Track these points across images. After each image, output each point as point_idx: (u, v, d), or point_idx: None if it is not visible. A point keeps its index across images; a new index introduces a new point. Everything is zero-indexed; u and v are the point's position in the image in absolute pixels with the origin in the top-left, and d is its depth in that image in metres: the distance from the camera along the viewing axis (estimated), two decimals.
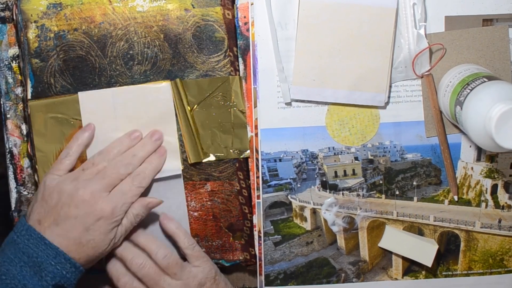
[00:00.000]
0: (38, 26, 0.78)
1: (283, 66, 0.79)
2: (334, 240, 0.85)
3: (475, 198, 0.84)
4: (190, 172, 0.81)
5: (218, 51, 0.79)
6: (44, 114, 0.79)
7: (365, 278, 0.86)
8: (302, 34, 0.78)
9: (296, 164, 0.83)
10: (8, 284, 0.68)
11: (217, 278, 0.79)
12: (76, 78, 0.79)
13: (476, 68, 0.77)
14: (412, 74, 0.80)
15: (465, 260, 0.86)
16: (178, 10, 0.78)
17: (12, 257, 0.69)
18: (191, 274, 0.77)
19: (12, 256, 0.69)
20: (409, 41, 0.79)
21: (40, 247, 0.70)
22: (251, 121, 0.81)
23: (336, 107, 0.81)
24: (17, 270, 0.68)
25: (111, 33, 0.78)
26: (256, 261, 0.84)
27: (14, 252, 0.69)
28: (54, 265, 0.69)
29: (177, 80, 0.79)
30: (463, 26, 0.79)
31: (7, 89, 0.80)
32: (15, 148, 0.81)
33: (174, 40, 0.79)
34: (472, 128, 0.70)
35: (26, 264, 0.69)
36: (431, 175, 0.84)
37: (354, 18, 0.77)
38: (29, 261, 0.69)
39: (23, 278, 0.68)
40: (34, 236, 0.70)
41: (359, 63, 0.78)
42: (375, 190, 0.84)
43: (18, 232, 0.71)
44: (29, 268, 0.69)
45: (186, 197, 0.82)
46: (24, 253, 0.69)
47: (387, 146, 0.83)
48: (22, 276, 0.68)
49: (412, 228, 0.85)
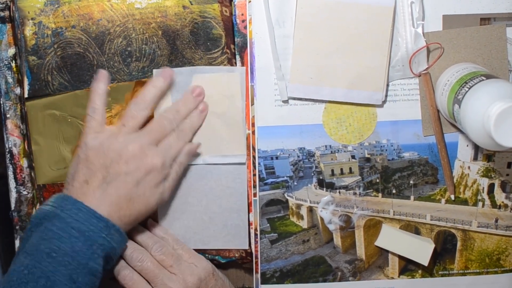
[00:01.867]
0: (35, 23, 0.78)
1: (281, 64, 0.79)
2: (331, 238, 0.85)
3: (472, 197, 0.84)
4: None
5: (215, 48, 0.79)
6: (41, 112, 0.79)
7: (362, 276, 0.86)
8: (299, 32, 0.78)
9: (293, 162, 0.83)
10: (61, 261, 0.66)
11: (215, 274, 0.79)
12: (74, 75, 0.79)
13: (474, 67, 0.77)
14: (409, 73, 0.80)
15: (462, 260, 0.86)
16: (176, 7, 0.78)
17: (60, 233, 0.67)
18: (188, 269, 0.77)
19: (61, 232, 0.67)
20: (406, 39, 0.79)
21: (91, 220, 0.68)
22: (248, 119, 0.81)
23: (333, 105, 0.81)
24: (68, 246, 0.67)
25: (109, 30, 0.78)
26: (252, 259, 0.84)
27: (62, 228, 0.67)
28: (105, 237, 0.69)
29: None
30: (460, 25, 0.79)
31: (7, 89, 0.80)
32: (15, 148, 0.81)
33: (172, 36, 0.79)
34: (471, 126, 0.70)
35: (78, 239, 0.67)
36: (428, 174, 0.84)
37: (352, 16, 0.77)
38: (80, 236, 0.67)
39: (76, 254, 0.67)
40: (84, 210, 0.68)
41: (356, 61, 0.78)
42: (371, 188, 0.84)
43: (63, 207, 0.69)
44: (81, 243, 0.67)
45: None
46: (74, 227, 0.67)
47: (384, 145, 0.83)
48: (75, 253, 0.67)
49: (408, 227, 0.85)
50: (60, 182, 0.81)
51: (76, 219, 0.68)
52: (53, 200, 0.70)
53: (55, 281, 0.65)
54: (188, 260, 0.78)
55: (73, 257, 0.66)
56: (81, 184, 0.70)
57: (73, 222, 0.68)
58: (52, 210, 0.69)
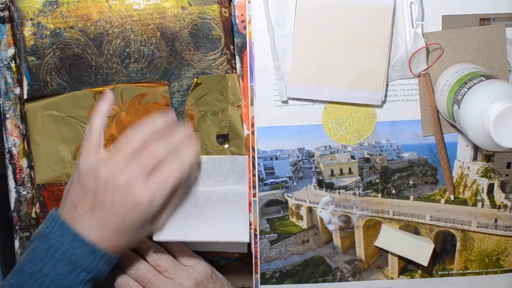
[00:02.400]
0: (34, 23, 0.77)
1: (280, 64, 0.79)
2: (330, 238, 0.85)
3: (471, 197, 0.84)
4: None
5: (215, 49, 0.79)
6: (40, 112, 0.79)
7: (361, 277, 0.86)
8: (299, 32, 0.77)
9: (293, 162, 0.83)
10: (42, 283, 0.66)
11: (214, 276, 0.79)
12: (72, 76, 0.79)
13: (473, 67, 0.77)
14: (409, 73, 0.80)
15: (461, 260, 0.86)
16: (175, 8, 0.78)
17: (44, 253, 0.67)
18: (184, 273, 0.77)
19: (44, 253, 0.67)
20: (406, 40, 0.78)
21: (75, 244, 0.67)
22: (247, 119, 0.81)
23: (333, 106, 0.81)
24: (49, 268, 0.66)
25: (107, 31, 0.78)
26: (252, 259, 0.84)
27: (46, 249, 0.67)
28: (90, 262, 0.67)
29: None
30: (460, 25, 0.79)
31: (6, 89, 0.80)
32: (15, 148, 0.81)
33: (171, 38, 0.79)
34: (470, 126, 0.70)
35: (60, 262, 0.66)
36: (428, 174, 0.84)
37: (351, 16, 0.77)
38: (62, 258, 0.66)
39: (57, 275, 0.66)
40: (69, 233, 0.67)
41: (356, 61, 0.78)
42: (371, 189, 0.84)
43: (50, 227, 0.68)
44: (63, 266, 0.66)
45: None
46: (57, 250, 0.66)
47: (384, 145, 0.83)
48: (56, 274, 0.66)
49: (408, 227, 0.85)
50: (58, 182, 0.81)
51: (61, 242, 0.67)
52: (47, 218, 0.70)
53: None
54: (186, 263, 0.78)
55: (53, 279, 0.66)
56: (70, 207, 0.69)
57: (58, 244, 0.67)
58: (42, 231, 0.69)
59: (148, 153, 0.69)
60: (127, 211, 0.68)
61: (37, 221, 0.83)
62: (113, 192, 0.67)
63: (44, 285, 0.66)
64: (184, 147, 0.72)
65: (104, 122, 0.72)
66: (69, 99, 0.79)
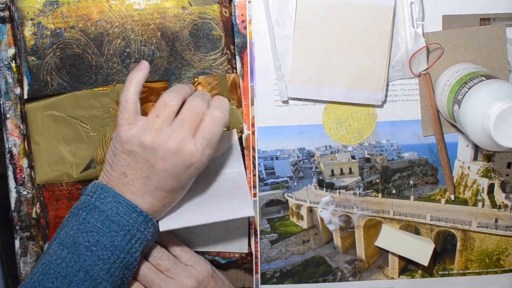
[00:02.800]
0: (34, 23, 0.77)
1: (280, 64, 0.79)
2: (331, 238, 0.85)
3: (472, 197, 0.84)
4: None
5: (215, 49, 0.79)
6: (40, 112, 0.79)
7: (361, 277, 0.86)
8: (299, 32, 0.77)
9: (293, 162, 0.83)
10: (101, 255, 0.66)
11: (215, 276, 0.79)
12: (73, 76, 0.79)
13: (474, 67, 0.77)
14: (409, 73, 0.80)
15: (462, 260, 0.86)
16: (175, 8, 0.78)
17: (99, 226, 0.67)
18: (186, 272, 0.77)
19: (100, 225, 0.67)
20: (406, 40, 0.78)
21: (130, 214, 0.67)
22: (248, 119, 0.81)
23: (333, 106, 0.81)
24: (107, 240, 0.66)
25: (108, 31, 0.78)
26: (252, 259, 0.84)
27: (101, 221, 0.67)
28: (143, 231, 0.68)
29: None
30: (460, 25, 0.79)
31: (7, 89, 0.80)
32: (15, 148, 0.81)
33: (171, 38, 0.79)
34: (470, 126, 0.70)
35: (117, 234, 0.67)
36: (428, 174, 0.84)
37: (352, 16, 0.77)
38: (119, 230, 0.67)
39: (115, 249, 0.66)
40: (124, 204, 0.67)
41: (356, 61, 0.78)
42: (371, 189, 0.84)
43: (101, 198, 0.68)
44: (120, 237, 0.67)
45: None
46: (114, 221, 0.67)
47: (384, 145, 0.83)
48: (114, 247, 0.66)
49: (408, 227, 0.85)
50: (59, 182, 0.81)
51: (116, 213, 0.67)
52: (92, 190, 0.69)
53: (93, 275, 0.65)
54: (187, 262, 0.78)
55: (112, 252, 0.66)
56: (120, 175, 0.69)
57: (113, 215, 0.67)
58: (92, 202, 0.68)
59: (188, 111, 0.69)
60: (181, 172, 0.69)
61: (37, 221, 0.83)
62: (165, 158, 0.68)
63: (101, 258, 0.66)
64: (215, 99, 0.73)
65: (139, 90, 0.70)
66: (69, 99, 0.79)
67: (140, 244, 0.69)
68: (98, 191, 0.69)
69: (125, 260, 0.68)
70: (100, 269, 0.66)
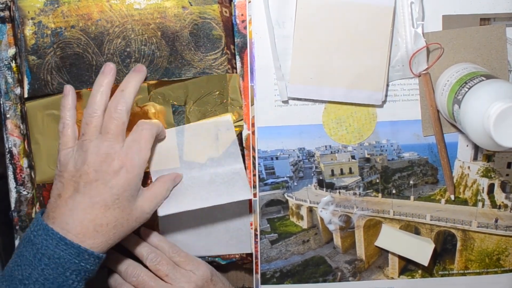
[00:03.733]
0: (35, 23, 0.77)
1: (281, 64, 0.79)
2: (331, 238, 0.85)
3: (472, 197, 0.84)
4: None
5: (215, 49, 0.79)
6: (40, 112, 0.79)
7: (362, 277, 0.86)
8: (299, 32, 0.78)
9: (293, 162, 0.83)
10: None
11: (214, 279, 0.79)
12: (73, 76, 0.79)
13: (474, 67, 0.77)
14: (409, 73, 0.80)
15: (462, 260, 0.86)
16: (176, 8, 0.78)
17: (31, 259, 0.66)
18: (185, 277, 0.76)
19: (32, 258, 0.66)
20: (406, 39, 0.79)
21: (60, 247, 0.66)
22: (248, 119, 0.81)
23: (333, 106, 0.81)
24: (38, 273, 0.66)
25: (108, 30, 0.78)
26: (253, 259, 0.84)
27: (33, 254, 0.66)
28: (78, 263, 0.67)
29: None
30: (460, 25, 0.79)
31: (7, 89, 0.80)
32: (15, 148, 0.81)
33: (171, 37, 0.79)
34: (471, 126, 0.70)
35: (48, 266, 0.66)
36: (428, 174, 0.84)
37: (352, 16, 0.77)
38: (50, 263, 0.66)
39: (46, 281, 0.66)
40: (53, 236, 0.67)
41: (356, 61, 0.78)
42: (371, 188, 0.84)
43: (35, 231, 0.68)
44: (51, 270, 0.66)
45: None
46: (44, 254, 0.66)
47: (384, 145, 0.83)
48: (45, 280, 0.66)
49: (408, 227, 0.85)
50: None
51: (46, 246, 0.66)
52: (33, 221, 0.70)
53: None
54: (186, 267, 0.78)
55: (43, 284, 0.66)
56: (55, 198, 0.69)
57: (43, 248, 0.66)
58: (28, 235, 0.68)
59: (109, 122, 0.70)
60: (111, 181, 0.68)
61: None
62: (96, 170, 0.68)
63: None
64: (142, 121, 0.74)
65: (73, 115, 0.73)
66: None
67: (78, 275, 0.67)
68: (34, 223, 0.69)
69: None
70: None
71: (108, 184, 0.68)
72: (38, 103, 0.79)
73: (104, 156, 0.69)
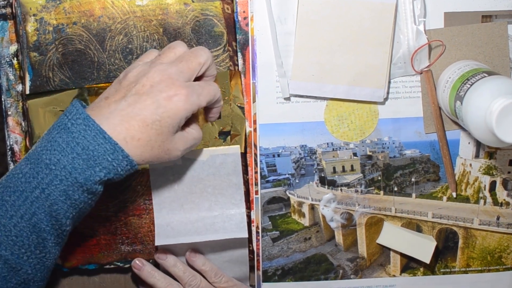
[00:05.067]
0: (37, 19, 0.77)
1: (282, 61, 0.79)
2: (332, 236, 0.85)
3: (474, 194, 0.84)
4: None
5: (217, 45, 0.79)
6: (42, 109, 0.79)
7: (363, 274, 0.86)
8: (301, 29, 0.78)
9: (295, 159, 0.82)
10: (58, 175, 0.63)
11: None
12: (75, 72, 0.79)
13: (476, 64, 0.77)
14: (411, 70, 0.80)
15: (463, 257, 0.86)
16: (178, 4, 0.78)
17: (64, 146, 0.64)
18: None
19: (64, 145, 0.64)
20: (408, 37, 0.79)
21: (98, 140, 0.64)
22: (249, 116, 0.81)
23: (335, 103, 0.81)
24: (68, 161, 0.63)
25: (110, 27, 0.78)
26: (254, 256, 0.84)
27: (66, 141, 0.64)
28: (111, 161, 0.64)
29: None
30: (462, 22, 0.79)
31: (8, 86, 0.80)
32: (16, 146, 0.81)
33: (173, 34, 0.79)
34: (473, 123, 0.70)
35: (80, 156, 0.63)
36: (430, 172, 0.84)
37: (354, 13, 0.77)
38: (83, 153, 0.63)
39: (74, 170, 0.63)
40: (93, 128, 0.64)
41: (358, 58, 0.78)
42: (373, 186, 0.83)
43: (73, 119, 0.65)
44: (82, 160, 0.63)
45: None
46: (79, 143, 0.63)
47: (386, 142, 0.83)
48: (73, 168, 0.63)
49: (410, 225, 0.85)
50: None
51: (83, 136, 0.64)
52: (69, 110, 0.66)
53: (49, 194, 0.63)
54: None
55: (70, 173, 0.63)
56: (100, 99, 0.67)
57: (80, 137, 0.64)
58: (64, 122, 0.65)
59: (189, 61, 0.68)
60: (160, 102, 0.65)
61: None
62: (152, 85, 0.66)
63: (59, 177, 0.63)
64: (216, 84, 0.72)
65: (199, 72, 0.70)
66: (71, 95, 0.79)
67: (106, 174, 0.64)
68: (72, 112, 0.66)
69: (86, 185, 0.64)
70: (56, 189, 0.63)
71: (156, 102, 0.65)
72: (40, 100, 0.79)
73: (166, 77, 0.66)
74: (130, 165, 0.66)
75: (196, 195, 0.81)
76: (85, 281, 0.84)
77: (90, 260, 0.82)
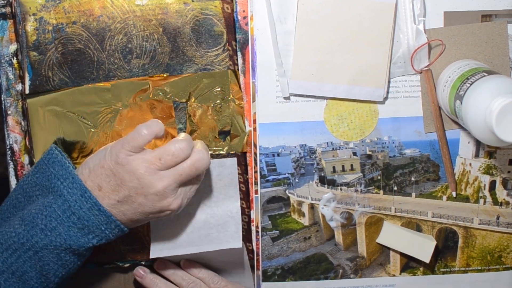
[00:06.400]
0: (36, 19, 0.77)
1: (282, 61, 0.79)
2: (332, 235, 0.85)
3: (473, 194, 0.84)
4: None
5: (217, 45, 0.79)
6: (42, 108, 0.79)
7: (363, 274, 0.86)
8: (301, 28, 0.78)
9: (294, 159, 0.82)
10: (53, 241, 0.67)
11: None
12: (74, 72, 0.79)
13: (475, 64, 0.77)
14: (411, 70, 0.80)
15: (463, 257, 0.86)
16: (177, 4, 0.78)
17: (59, 213, 0.68)
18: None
19: (60, 212, 0.68)
20: (408, 36, 0.79)
21: (93, 211, 0.68)
22: (249, 116, 0.80)
23: (335, 102, 0.81)
24: (64, 229, 0.67)
25: (109, 26, 0.78)
26: (254, 256, 0.84)
27: (63, 210, 0.68)
28: (103, 230, 0.69)
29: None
30: (462, 21, 0.79)
31: (8, 86, 0.80)
32: (16, 145, 0.81)
33: (173, 33, 0.79)
34: (473, 122, 0.70)
35: (75, 225, 0.68)
36: (430, 171, 0.83)
37: (354, 12, 0.77)
38: (78, 223, 0.68)
39: (69, 238, 0.68)
40: (90, 201, 0.68)
41: (358, 58, 0.78)
42: (373, 185, 0.83)
43: (70, 190, 0.69)
44: (77, 229, 0.68)
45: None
46: (75, 213, 0.68)
47: (386, 142, 0.83)
48: (68, 236, 0.68)
49: (410, 224, 0.85)
50: None
51: (79, 206, 0.68)
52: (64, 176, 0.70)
53: (42, 256, 0.67)
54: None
55: (65, 240, 0.67)
56: (94, 187, 0.70)
57: (76, 208, 0.68)
58: (57, 186, 0.69)
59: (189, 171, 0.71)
60: (153, 212, 0.71)
61: None
62: (147, 197, 0.70)
63: (54, 243, 0.67)
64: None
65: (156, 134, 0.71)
66: (71, 94, 0.79)
67: (99, 241, 0.70)
68: (69, 180, 0.69)
69: (78, 251, 0.69)
70: (50, 253, 0.67)
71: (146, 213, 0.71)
72: (39, 100, 0.79)
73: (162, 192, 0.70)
74: (122, 231, 0.71)
75: (193, 207, 0.81)
76: (84, 281, 0.84)
77: (89, 260, 0.82)
